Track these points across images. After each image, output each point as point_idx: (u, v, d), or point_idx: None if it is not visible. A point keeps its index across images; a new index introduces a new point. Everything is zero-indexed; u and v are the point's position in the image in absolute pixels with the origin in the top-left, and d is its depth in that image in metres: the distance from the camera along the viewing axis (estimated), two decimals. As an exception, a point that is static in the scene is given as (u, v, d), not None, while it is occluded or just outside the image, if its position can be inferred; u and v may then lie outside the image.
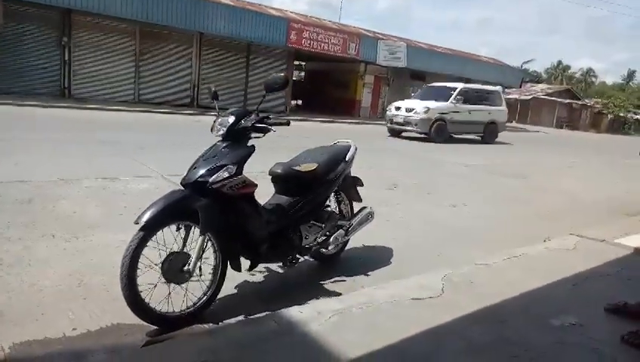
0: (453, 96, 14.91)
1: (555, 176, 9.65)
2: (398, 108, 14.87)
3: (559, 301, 2.84)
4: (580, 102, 43.67)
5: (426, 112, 14.14)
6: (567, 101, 41.92)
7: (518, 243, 4.13)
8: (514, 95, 40.45)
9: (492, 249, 3.97)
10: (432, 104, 14.49)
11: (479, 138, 16.10)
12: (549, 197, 7.06)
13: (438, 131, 14.35)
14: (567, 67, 66.38)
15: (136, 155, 6.82)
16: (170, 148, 8.02)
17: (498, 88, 17.04)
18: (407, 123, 14.35)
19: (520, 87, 33.66)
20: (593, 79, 67.79)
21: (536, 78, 58.00)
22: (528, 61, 74.86)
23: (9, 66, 14.33)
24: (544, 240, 4.24)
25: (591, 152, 17.20)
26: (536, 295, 2.90)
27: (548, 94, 42.11)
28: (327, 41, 20.27)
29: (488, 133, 16.10)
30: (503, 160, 11.59)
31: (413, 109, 14.32)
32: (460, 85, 15.71)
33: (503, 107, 16.92)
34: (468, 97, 15.32)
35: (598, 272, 3.39)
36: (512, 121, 39.31)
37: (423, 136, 14.44)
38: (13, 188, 4.46)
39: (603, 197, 7.42)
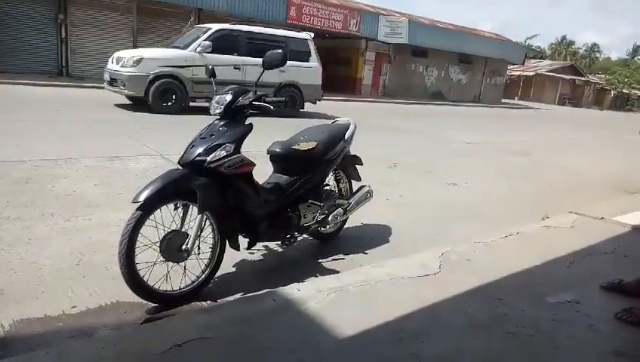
0: (199, 40, 9.95)
1: (557, 152, 9.61)
2: (119, 61, 9.70)
3: (556, 278, 2.86)
4: (583, 79, 43.21)
5: (137, 64, 9.32)
6: (570, 77, 41.50)
7: (517, 221, 4.14)
8: (517, 71, 40.02)
9: (491, 227, 3.98)
10: (154, 52, 10.06)
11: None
12: (551, 174, 7.04)
13: (160, 95, 9.44)
14: (572, 42, 65.46)
15: (135, 134, 6.78)
16: (169, 127, 7.97)
17: (304, 35, 11.78)
18: (113, 80, 9.69)
19: (523, 63, 33.18)
20: (597, 55, 66.94)
21: (540, 54, 57.18)
22: (532, 37, 73.99)
23: (5, 45, 14.14)
24: (542, 218, 4.25)
25: (593, 129, 17.09)
26: (533, 272, 2.91)
27: (551, 70, 41.63)
28: (327, 17, 19.91)
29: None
30: (504, 138, 11.52)
31: (123, 59, 9.59)
32: (214, 26, 10.53)
33: (313, 64, 11.68)
34: (233, 45, 10.31)
35: (596, 250, 3.40)
36: (514, 98, 39.09)
37: (137, 100, 9.73)
38: (11, 168, 4.45)
39: (604, 174, 7.40)
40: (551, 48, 65.85)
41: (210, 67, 2.89)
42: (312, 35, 12.23)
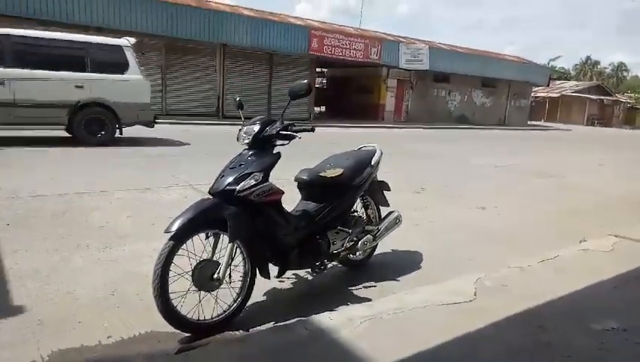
0: None
1: (587, 174, 9.34)
2: None
3: (599, 304, 2.73)
4: (611, 98, 42.28)
5: None
6: (598, 97, 40.67)
7: (551, 244, 4.01)
8: (542, 93, 39.54)
9: (525, 251, 3.87)
10: None
11: (64, 130, 8.71)
12: (582, 196, 6.83)
13: None
14: (597, 62, 64.48)
15: (166, 166, 6.96)
16: (198, 158, 8.16)
17: (118, 41, 9.21)
18: None
19: (548, 84, 32.80)
20: (625, 74, 65.58)
21: (564, 75, 56.48)
22: (555, 58, 73.07)
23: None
24: (580, 241, 4.10)
25: (622, 149, 16.59)
26: (575, 298, 2.79)
27: (577, 91, 40.95)
28: (348, 46, 20.30)
29: (81, 123, 8.59)
30: (531, 160, 11.29)
31: None
32: None
33: (134, 76, 9.15)
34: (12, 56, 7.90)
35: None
36: (541, 120, 38.48)
37: None
38: (48, 202, 4.61)
39: (637, 197, 7.13)
40: (575, 69, 65.03)
41: (238, 99, 2.97)
42: (133, 40, 9.98)
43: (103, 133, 8.90)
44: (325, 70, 27.21)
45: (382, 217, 3.50)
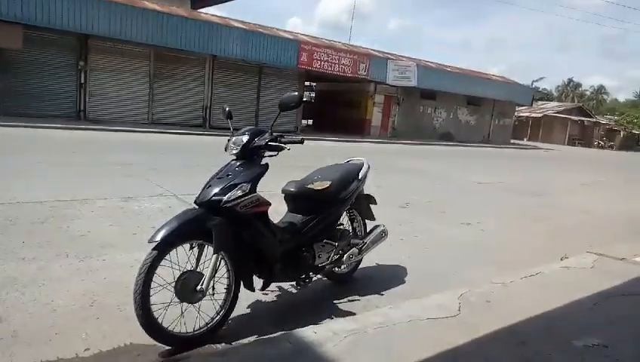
0: None
1: (569, 193, 9.52)
2: None
3: (580, 321, 2.76)
4: (592, 120, 43.38)
5: None
6: (579, 118, 41.69)
7: (535, 261, 4.05)
8: (525, 113, 40.37)
9: (508, 267, 3.90)
10: None
11: None
12: (563, 215, 6.94)
13: None
14: (579, 85, 66.12)
15: (150, 176, 6.88)
16: (184, 168, 8.09)
17: None
18: None
19: (531, 104, 33.54)
20: (605, 96, 67.36)
21: (547, 96, 57.79)
22: (539, 79, 74.86)
23: (28, 90, 14.71)
24: (561, 259, 4.15)
25: (605, 169, 16.97)
26: (556, 315, 2.82)
27: (559, 112, 41.94)
28: (337, 61, 20.50)
29: None
30: (515, 178, 11.47)
31: None
32: None
33: None
34: None
35: (620, 291, 3.29)
36: (523, 139, 39.20)
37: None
38: (28, 209, 4.51)
39: (619, 215, 7.28)
40: (557, 90, 66.59)
41: (227, 109, 2.96)
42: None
43: None
44: (314, 84, 27.42)
45: (368, 231, 3.50)
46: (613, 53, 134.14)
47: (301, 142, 2.77)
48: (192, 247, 2.42)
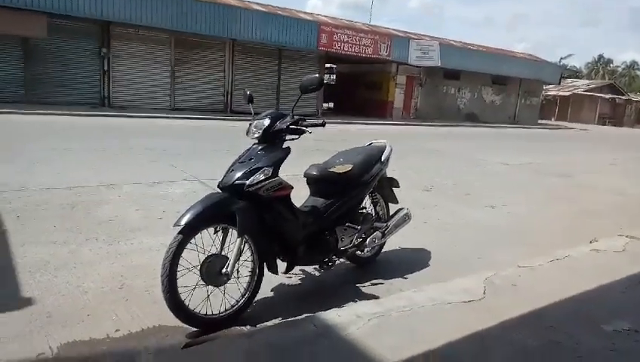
0: None
1: (598, 174, 9.23)
2: None
3: (610, 305, 2.69)
4: (623, 97, 41.71)
5: None
6: (610, 96, 40.15)
7: (562, 244, 3.96)
8: (553, 91, 39.11)
9: (536, 251, 3.82)
10: None
11: None
12: (593, 196, 6.75)
13: None
14: (610, 61, 63.50)
15: (174, 161, 6.97)
16: (206, 153, 8.17)
17: None
18: None
19: (559, 83, 32.41)
20: (638, 72, 64.57)
21: (576, 74, 55.79)
22: (567, 56, 72.30)
23: (53, 78, 15.03)
24: (590, 241, 4.04)
25: (635, 149, 16.38)
26: (585, 298, 2.76)
27: (589, 90, 40.44)
28: (358, 42, 20.20)
29: None
30: (543, 159, 11.18)
31: None
32: None
33: None
34: None
35: (653, 275, 3.19)
36: (551, 118, 38.10)
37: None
38: (58, 195, 4.64)
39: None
40: (587, 67, 64.10)
41: (249, 93, 2.95)
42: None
43: None
44: (334, 66, 27.13)
45: (391, 214, 3.47)
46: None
47: (322, 125, 2.75)
48: (216, 231, 2.45)
